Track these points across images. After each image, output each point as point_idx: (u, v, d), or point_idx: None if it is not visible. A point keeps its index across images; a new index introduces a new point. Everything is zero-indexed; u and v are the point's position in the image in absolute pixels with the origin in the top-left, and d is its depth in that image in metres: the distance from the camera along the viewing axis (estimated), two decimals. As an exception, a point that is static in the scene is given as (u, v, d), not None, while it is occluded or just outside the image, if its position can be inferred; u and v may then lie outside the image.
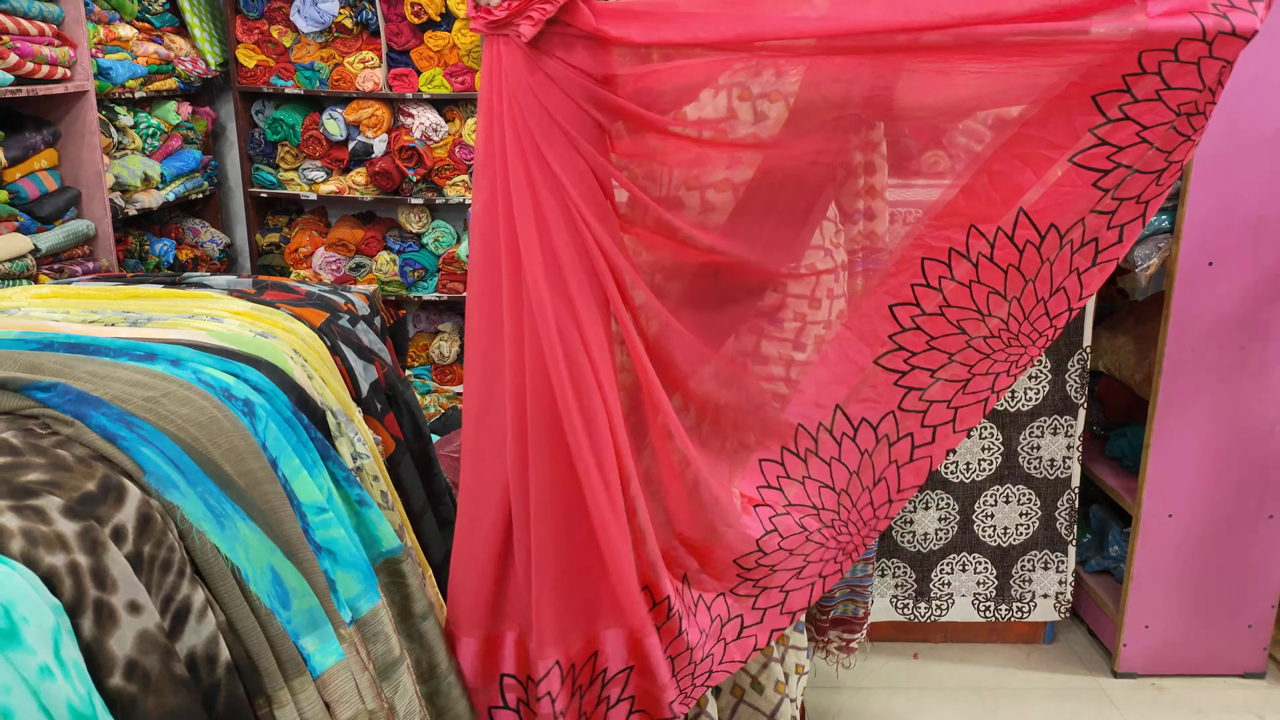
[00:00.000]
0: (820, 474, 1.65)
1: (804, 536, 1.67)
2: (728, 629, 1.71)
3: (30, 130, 2.94)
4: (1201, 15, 1.32)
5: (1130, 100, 1.42)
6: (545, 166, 1.39)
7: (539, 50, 1.36)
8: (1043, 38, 1.38)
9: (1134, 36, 1.35)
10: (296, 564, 1.12)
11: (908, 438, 1.63)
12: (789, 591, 1.72)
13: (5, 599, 0.78)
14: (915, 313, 1.57)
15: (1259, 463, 2.39)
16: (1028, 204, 1.48)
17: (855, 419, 1.62)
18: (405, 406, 1.67)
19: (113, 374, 1.11)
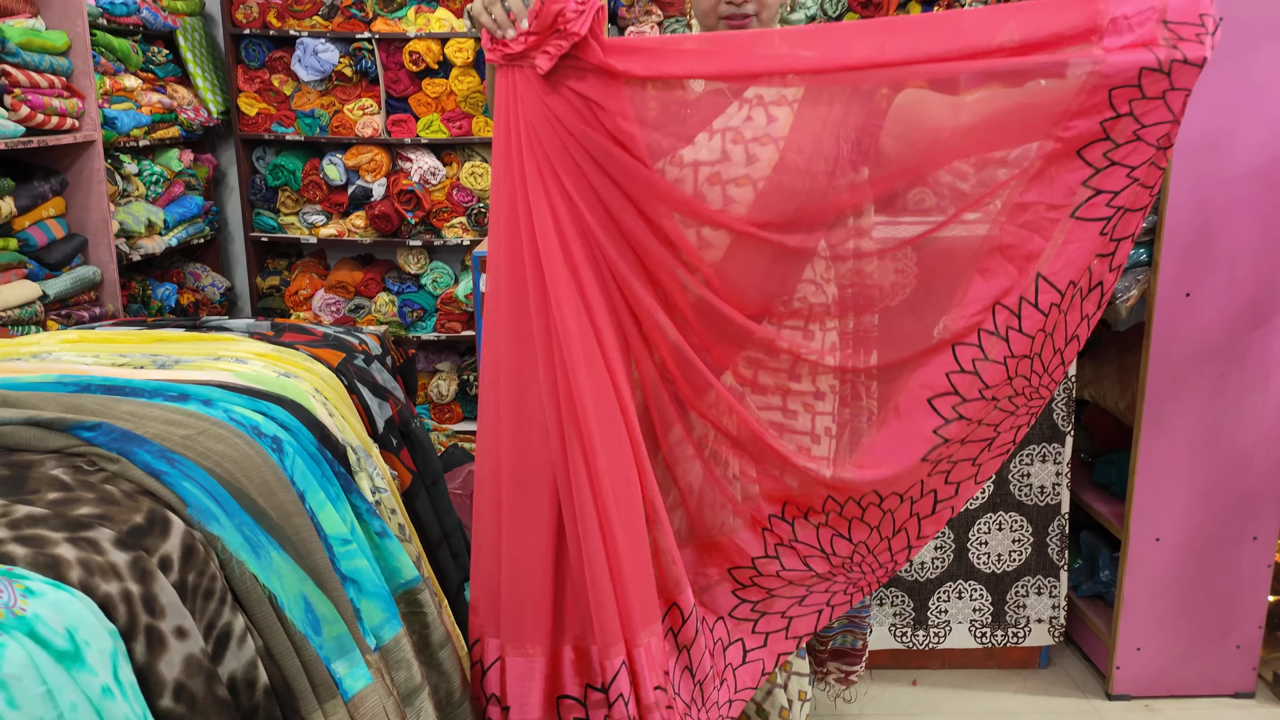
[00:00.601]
0: (839, 526, 1.68)
1: (809, 574, 1.72)
2: (730, 652, 1.76)
3: (39, 179, 3.01)
4: (1154, 48, 1.41)
5: (1113, 146, 1.50)
6: (562, 189, 1.48)
7: (552, 81, 1.45)
8: (1012, 69, 1.48)
9: (1092, 71, 1.43)
10: (325, 592, 1.18)
11: (931, 494, 1.67)
12: (792, 618, 1.77)
13: (69, 623, 0.84)
14: (956, 401, 1.58)
15: (1241, 486, 2.46)
16: (1044, 268, 1.54)
17: (885, 492, 1.66)
18: (418, 442, 1.73)
19: (150, 414, 1.17)
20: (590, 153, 1.48)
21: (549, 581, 1.50)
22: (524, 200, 1.49)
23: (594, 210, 1.47)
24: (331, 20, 3.87)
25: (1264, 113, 2.24)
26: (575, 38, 1.38)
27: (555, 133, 1.47)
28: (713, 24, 1.71)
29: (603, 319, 1.52)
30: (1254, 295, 2.34)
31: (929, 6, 3.95)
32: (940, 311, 1.66)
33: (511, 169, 1.50)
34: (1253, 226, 2.30)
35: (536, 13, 1.38)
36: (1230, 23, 2.18)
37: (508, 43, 1.41)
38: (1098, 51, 1.43)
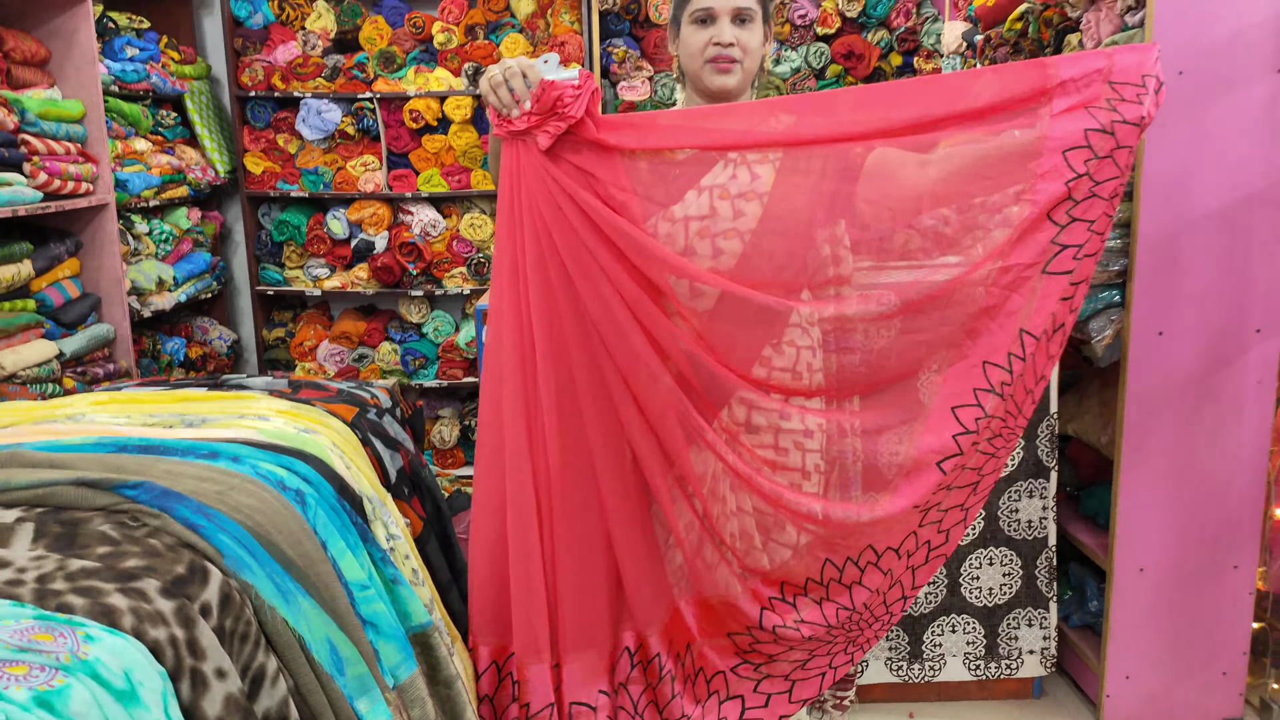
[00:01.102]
0: (840, 597, 1.76)
1: (810, 641, 1.79)
2: (727, 707, 1.83)
3: (55, 242, 3.12)
4: (1096, 110, 1.53)
5: (1074, 204, 1.62)
6: (555, 250, 1.62)
7: (552, 154, 1.58)
8: (970, 135, 1.60)
9: (1040, 135, 1.56)
10: (348, 635, 1.27)
11: (925, 545, 1.76)
12: (795, 680, 1.84)
13: (125, 666, 0.93)
14: (961, 462, 1.69)
15: (1221, 516, 2.54)
16: (1025, 324, 1.65)
17: (881, 549, 1.75)
18: (427, 489, 1.82)
19: (184, 471, 1.26)
20: (588, 216, 1.60)
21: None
22: (523, 259, 1.61)
23: (585, 271, 1.59)
24: (334, 81, 4.02)
25: (1223, 161, 2.35)
26: (572, 120, 1.51)
27: (554, 199, 1.60)
28: (699, 67, 1.83)
29: (583, 369, 1.63)
30: (1223, 332, 2.45)
31: (909, 57, 4.10)
32: (923, 366, 1.76)
33: (514, 230, 1.62)
34: (1218, 267, 2.41)
35: (538, 97, 1.50)
36: (1190, 78, 2.31)
37: (512, 120, 1.54)
38: (1045, 116, 1.55)
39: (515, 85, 1.52)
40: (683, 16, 1.83)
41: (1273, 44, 2.30)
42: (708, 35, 1.77)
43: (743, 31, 1.78)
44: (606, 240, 1.60)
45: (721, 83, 1.78)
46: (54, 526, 1.11)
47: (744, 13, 1.77)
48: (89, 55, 3.16)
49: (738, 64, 1.78)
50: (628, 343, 1.64)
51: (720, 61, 1.78)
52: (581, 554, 1.69)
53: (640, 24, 4.07)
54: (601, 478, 1.67)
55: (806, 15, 4.04)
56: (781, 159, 1.74)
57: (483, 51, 4.01)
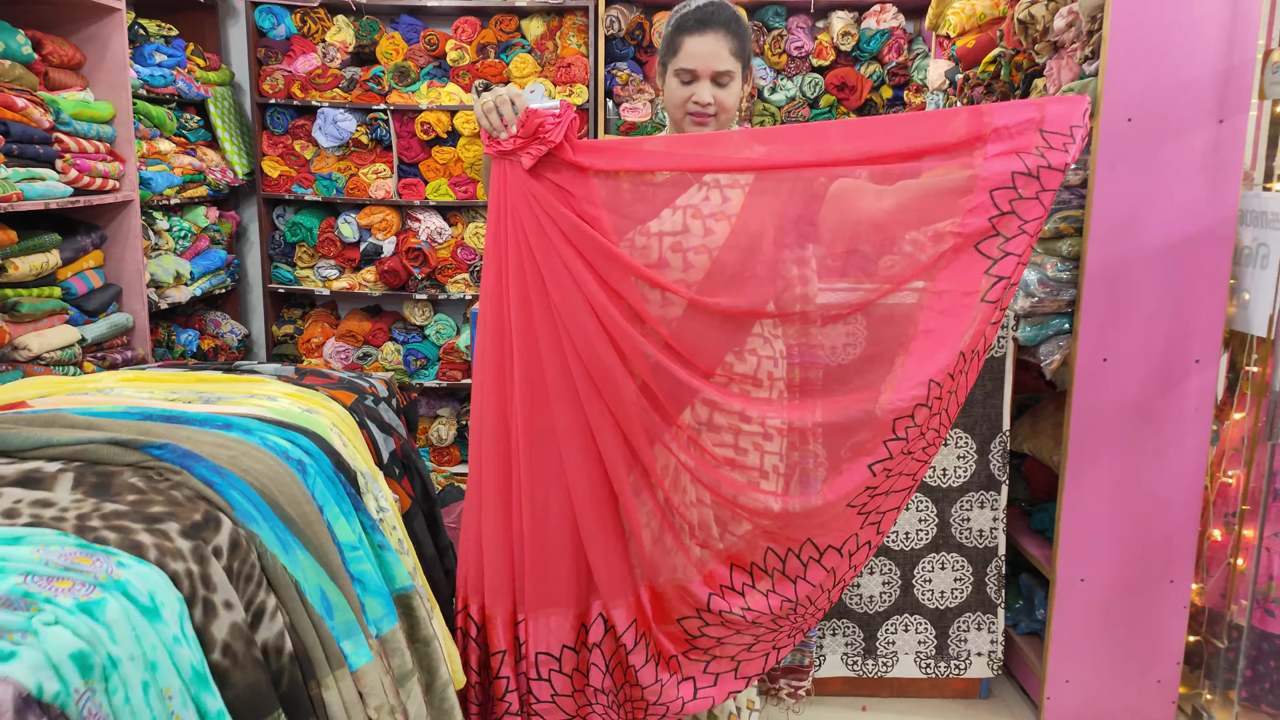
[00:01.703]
0: (785, 589, 1.95)
1: (754, 629, 1.98)
2: (683, 687, 2.01)
3: (81, 234, 3.33)
4: (1026, 155, 1.73)
5: (1004, 239, 1.81)
6: (533, 259, 1.82)
7: (534, 172, 1.77)
8: (913, 169, 1.80)
9: (972, 174, 1.75)
10: (338, 586, 1.45)
11: (866, 545, 1.96)
12: (740, 661, 2.03)
13: (150, 589, 1.12)
14: (890, 466, 1.88)
15: (1159, 533, 2.72)
16: (964, 346, 1.83)
17: (822, 546, 1.94)
18: (417, 472, 2.01)
19: (202, 438, 1.46)
20: (562, 228, 1.80)
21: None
22: (507, 266, 1.81)
23: (559, 278, 1.79)
24: (351, 93, 4.23)
25: (1168, 202, 2.54)
26: (552, 144, 1.71)
27: (534, 212, 1.79)
28: (680, 117, 2.03)
29: (554, 368, 1.83)
30: (1165, 360, 2.63)
31: (900, 90, 4.30)
32: (879, 375, 1.95)
33: (499, 240, 1.82)
34: (1161, 300, 2.59)
35: (523, 123, 1.70)
36: (1138, 124, 2.50)
37: (500, 142, 1.74)
38: (979, 158, 1.74)
39: (504, 111, 1.72)
40: (669, 66, 2.02)
41: (1214, 95, 2.49)
42: (689, 92, 1.96)
43: (721, 91, 1.97)
44: (578, 251, 1.80)
45: (698, 134, 1.98)
46: (90, 477, 1.30)
47: (723, 76, 1.96)
48: (121, 61, 3.37)
49: (713, 119, 1.98)
50: (593, 346, 1.82)
51: (697, 116, 1.97)
52: (546, 532, 1.88)
53: (644, 49, 4.27)
54: (568, 467, 1.85)
55: (803, 47, 4.24)
56: (752, 183, 1.94)
57: (493, 70, 4.22)
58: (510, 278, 1.80)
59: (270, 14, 4.23)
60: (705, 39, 1.96)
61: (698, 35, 1.96)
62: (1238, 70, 2.49)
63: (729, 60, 1.97)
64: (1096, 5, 2.51)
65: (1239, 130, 2.52)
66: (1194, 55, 2.47)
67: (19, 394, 1.70)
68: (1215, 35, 2.47)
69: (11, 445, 1.37)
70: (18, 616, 1.00)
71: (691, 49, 1.96)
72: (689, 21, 1.97)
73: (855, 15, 4.26)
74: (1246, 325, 2.60)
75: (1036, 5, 2.74)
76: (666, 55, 2.02)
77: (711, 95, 1.97)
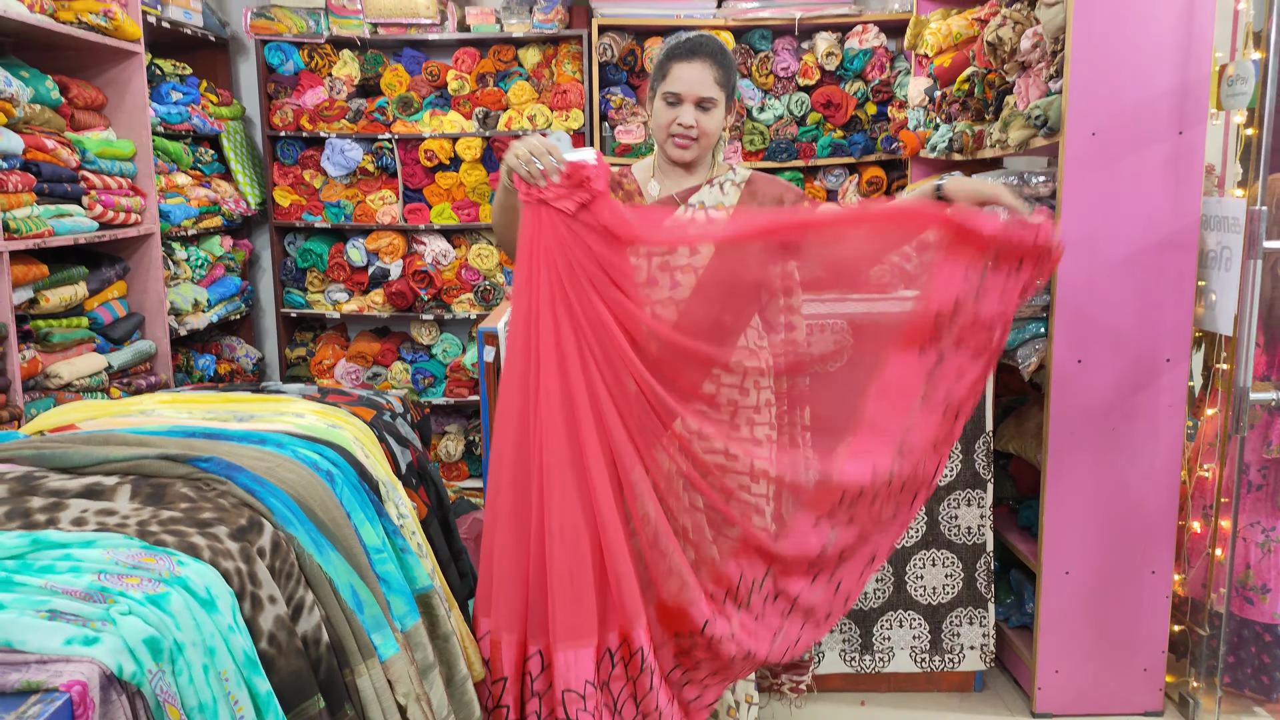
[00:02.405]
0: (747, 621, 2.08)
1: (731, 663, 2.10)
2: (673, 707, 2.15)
3: (106, 266, 3.49)
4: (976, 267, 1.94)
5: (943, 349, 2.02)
6: (566, 298, 1.95)
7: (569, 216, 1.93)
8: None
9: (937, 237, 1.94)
10: (366, 584, 1.60)
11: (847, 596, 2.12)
12: (707, 686, 2.15)
13: (206, 584, 1.27)
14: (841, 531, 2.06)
15: (1138, 526, 2.86)
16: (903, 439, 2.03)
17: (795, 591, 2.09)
18: (432, 482, 2.16)
19: (242, 452, 1.61)
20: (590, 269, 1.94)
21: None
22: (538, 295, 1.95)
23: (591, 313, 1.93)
24: (357, 123, 4.40)
25: (1134, 209, 2.69)
26: (599, 194, 1.89)
27: (567, 255, 1.94)
28: (663, 139, 2.17)
29: (578, 385, 1.96)
30: (1137, 360, 2.77)
31: (883, 107, 4.46)
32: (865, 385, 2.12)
33: (532, 280, 1.95)
34: (1131, 303, 2.74)
35: (568, 175, 1.86)
36: (1102, 137, 2.66)
37: (540, 190, 1.89)
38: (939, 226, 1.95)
39: (545, 163, 1.87)
40: (657, 90, 2.17)
41: (1172, 109, 2.65)
42: (674, 115, 2.11)
43: (704, 116, 2.11)
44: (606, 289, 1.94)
45: (678, 155, 2.13)
46: (146, 488, 1.45)
47: (707, 101, 2.11)
48: (140, 101, 3.55)
49: (694, 143, 2.13)
50: (612, 362, 1.97)
51: (680, 138, 2.12)
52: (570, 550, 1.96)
53: (636, 74, 4.44)
54: (591, 481, 1.96)
55: (789, 67, 4.41)
56: (736, 207, 2.13)
57: (492, 98, 4.40)
58: (542, 312, 1.92)
59: (279, 51, 4.41)
60: (693, 66, 2.10)
61: (686, 62, 2.11)
62: (1194, 85, 2.64)
63: (713, 88, 2.12)
64: (1059, 27, 2.67)
65: (1198, 141, 2.68)
66: (1152, 71, 2.63)
67: (68, 417, 1.86)
68: (1172, 52, 2.63)
69: (72, 462, 1.53)
70: (97, 608, 1.15)
71: (679, 74, 2.10)
72: (679, 50, 2.13)
73: (839, 36, 4.43)
74: (1214, 325, 2.74)
75: (1004, 28, 2.90)
76: (656, 80, 2.17)
77: (694, 119, 2.11)
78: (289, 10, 4.36)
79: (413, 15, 4.29)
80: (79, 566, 1.22)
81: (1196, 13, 2.60)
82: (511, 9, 4.36)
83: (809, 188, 4.53)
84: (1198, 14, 2.60)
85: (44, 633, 1.09)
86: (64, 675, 1.03)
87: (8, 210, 2.81)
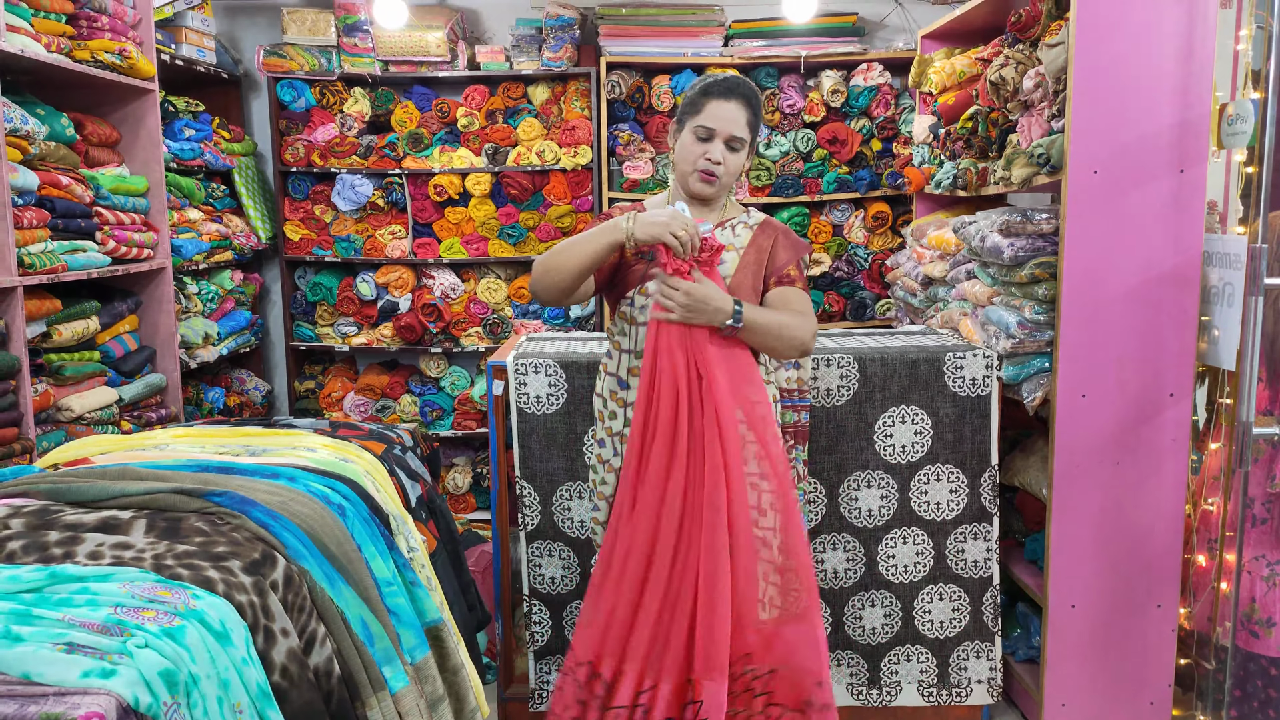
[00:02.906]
0: None
1: None
2: None
3: (118, 300, 3.53)
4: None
5: None
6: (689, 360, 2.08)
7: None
8: None
9: None
10: (377, 617, 1.62)
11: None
12: None
13: (221, 617, 1.29)
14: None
15: (1143, 560, 2.86)
16: None
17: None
18: (441, 515, 2.18)
19: (255, 486, 1.63)
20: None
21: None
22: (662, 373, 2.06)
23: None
24: (367, 159, 4.46)
25: (1136, 246, 2.72)
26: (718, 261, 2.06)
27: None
28: (689, 171, 2.21)
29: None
30: (1140, 395, 2.79)
31: (888, 144, 4.51)
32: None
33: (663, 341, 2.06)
34: (1134, 338, 2.76)
35: (704, 248, 2.04)
36: (1104, 176, 2.69)
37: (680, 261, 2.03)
38: None
39: (696, 242, 2.02)
40: (687, 123, 2.21)
41: (1173, 148, 2.68)
42: (703, 149, 2.16)
43: (731, 155, 2.18)
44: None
45: (701, 190, 2.20)
46: (161, 522, 1.48)
47: (736, 141, 2.17)
48: (154, 138, 3.61)
49: (718, 179, 2.18)
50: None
51: (706, 174, 2.17)
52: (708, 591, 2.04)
53: (644, 110, 4.50)
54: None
55: (794, 105, 4.47)
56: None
57: (501, 134, 4.46)
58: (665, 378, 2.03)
59: (291, 88, 4.48)
60: (729, 104, 2.16)
61: (722, 100, 2.17)
62: (1194, 123, 2.68)
63: (744, 129, 2.19)
64: (1060, 68, 2.72)
65: (1199, 179, 2.71)
66: (1153, 111, 2.67)
67: (83, 451, 1.89)
68: (1171, 92, 2.67)
69: (87, 496, 1.55)
70: (114, 641, 1.16)
71: (715, 111, 2.16)
72: (717, 88, 2.18)
73: (844, 73, 4.48)
74: (1217, 360, 2.76)
75: (1007, 68, 2.95)
76: (687, 114, 2.21)
77: (722, 156, 2.17)
78: (301, 48, 4.43)
79: (423, 53, 4.37)
80: (96, 600, 1.24)
81: (1196, 53, 2.64)
82: (521, 47, 4.43)
83: (815, 223, 4.57)
84: (1197, 54, 2.65)
85: (62, 665, 1.11)
86: (82, 707, 1.05)
87: (23, 245, 2.86)
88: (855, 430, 2.88)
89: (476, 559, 3.32)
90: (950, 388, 2.88)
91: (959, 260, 3.33)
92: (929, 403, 2.88)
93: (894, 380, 2.86)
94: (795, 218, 4.50)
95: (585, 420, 2.79)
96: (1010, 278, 2.89)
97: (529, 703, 2.92)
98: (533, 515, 2.82)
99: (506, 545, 2.88)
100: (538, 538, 2.84)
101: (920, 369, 2.86)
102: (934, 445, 2.90)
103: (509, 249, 4.52)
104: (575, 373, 2.78)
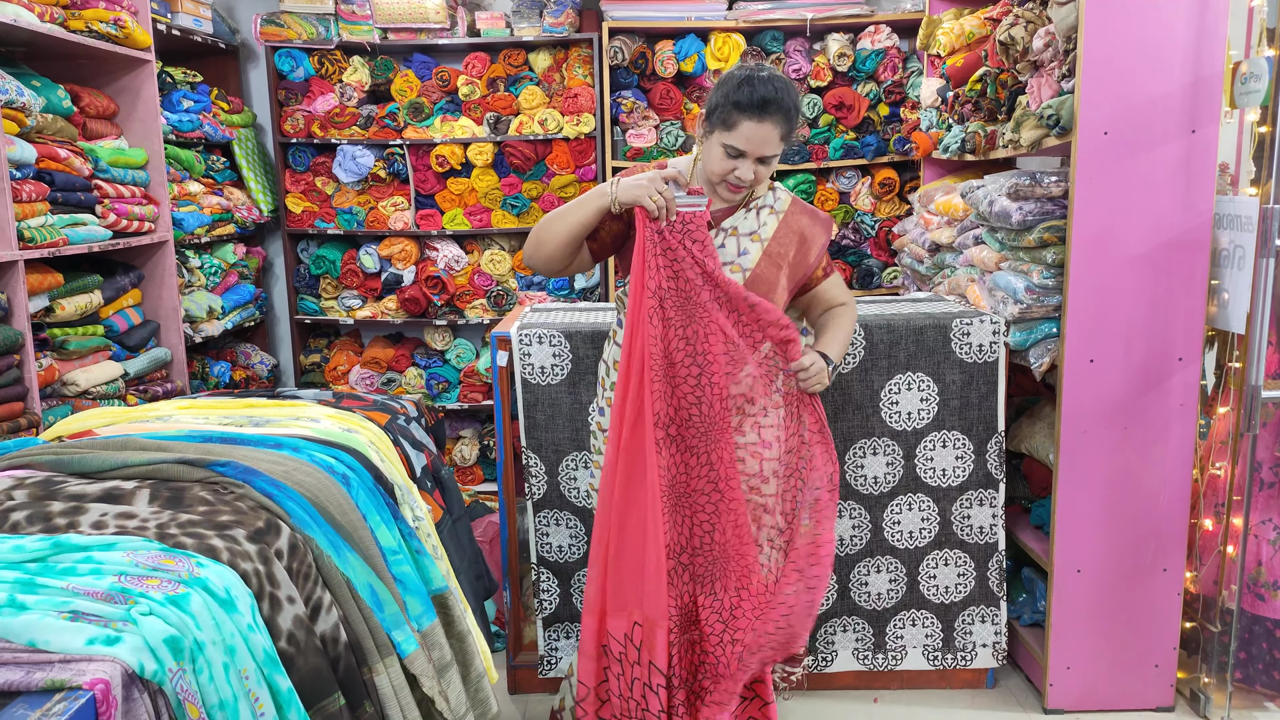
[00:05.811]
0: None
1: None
2: None
3: (120, 274, 3.52)
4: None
5: None
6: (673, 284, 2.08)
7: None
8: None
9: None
10: (384, 584, 1.62)
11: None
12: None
13: (226, 584, 1.29)
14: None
15: (1149, 524, 2.85)
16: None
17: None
18: (447, 486, 2.17)
19: (259, 456, 1.63)
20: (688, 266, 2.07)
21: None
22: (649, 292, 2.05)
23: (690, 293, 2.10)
24: (368, 129, 4.43)
25: (1146, 209, 2.68)
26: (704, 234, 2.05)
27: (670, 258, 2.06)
28: (716, 180, 2.15)
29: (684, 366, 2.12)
30: (1147, 360, 2.77)
31: (896, 108, 4.46)
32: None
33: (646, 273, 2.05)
34: (1143, 302, 2.73)
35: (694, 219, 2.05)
36: (1114, 137, 2.66)
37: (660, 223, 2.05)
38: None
39: (670, 206, 2.03)
40: (716, 133, 2.08)
41: (1185, 108, 2.64)
42: (732, 166, 2.07)
43: (762, 167, 2.09)
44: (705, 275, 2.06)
45: (728, 198, 2.18)
46: (164, 491, 1.47)
47: (768, 158, 2.07)
48: (152, 109, 3.58)
49: (745, 190, 2.14)
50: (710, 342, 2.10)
51: (734, 187, 2.12)
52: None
53: (647, 77, 4.45)
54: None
55: (800, 69, 4.41)
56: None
57: (503, 102, 4.42)
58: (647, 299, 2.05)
59: (289, 57, 4.44)
60: (763, 127, 2.01)
61: (756, 121, 2.01)
62: (1207, 83, 2.64)
63: (777, 145, 2.06)
64: (1071, 26, 2.67)
65: (1210, 140, 2.67)
66: (1165, 70, 2.63)
67: (86, 423, 1.88)
68: (1184, 50, 2.62)
69: (90, 467, 1.54)
70: (118, 609, 1.16)
71: (746, 133, 2.02)
72: (751, 105, 2.01)
73: (850, 37, 4.43)
74: (1227, 324, 2.74)
75: (1016, 27, 2.90)
76: (717, 124, 2.07)
77: (753, 173, 2.08)
78: (298, 16, 4.39)
79: (422, 20, 4.32)
80: (100, 569, 1.24)
81: (1209, 10, 2.60)
82: (521, 13, 4.38)
83: (821, 190, 4.53)
84: (1210, 11, 2.60)
85: (67, 633, 1.10)
86: (87, 674, 1.05)
87: (22, 219, 2.84)
88: (861, 398, 2.87)
89: (484, 529, 3.33)
90: (957, 354, 2.86)
91: (967, 226, 3.30)
92: (935, 369, 2.86)
93: (900, 347, 2.84)
94: (801, 185, 4.46)
95: (589, 390, 2.78)
96: (1018, 242, 2.87)
97: (538, 669, 2.93)
98: (539, 485, 2.82)
99: (513, 515, 2.89)
100: (544, 507, 2.84)
101: (927, 335, 2.84)
102: (940, 412, 2.89)
103: (512, 220, 4.50)
104: (579, 343, 2.77)
